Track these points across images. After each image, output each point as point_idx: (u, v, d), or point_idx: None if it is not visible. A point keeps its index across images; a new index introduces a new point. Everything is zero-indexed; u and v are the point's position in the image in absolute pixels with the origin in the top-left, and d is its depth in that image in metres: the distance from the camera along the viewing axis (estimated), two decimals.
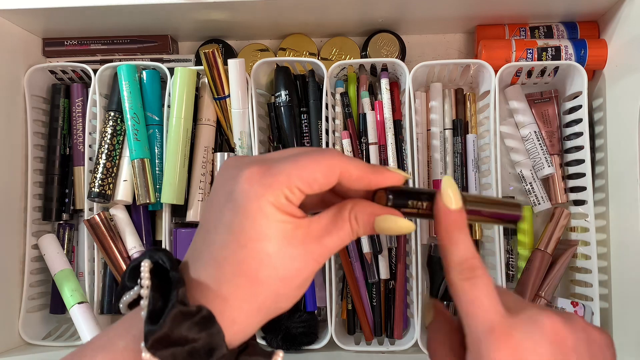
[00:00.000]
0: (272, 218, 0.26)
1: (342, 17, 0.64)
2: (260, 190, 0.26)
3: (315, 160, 0.27)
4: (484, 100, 0.64)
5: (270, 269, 0.26)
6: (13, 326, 0.63)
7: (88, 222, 0.62)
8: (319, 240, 0.28)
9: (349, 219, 0.28)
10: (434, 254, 0.64)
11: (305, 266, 0.27)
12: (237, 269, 0.26)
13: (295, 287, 0.27)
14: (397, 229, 0.29)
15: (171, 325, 0.24)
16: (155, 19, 0.64)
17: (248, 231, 0.26)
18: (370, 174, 0.29)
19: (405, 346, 0.59)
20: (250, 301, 0.26)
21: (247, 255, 0.26)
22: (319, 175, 0.27)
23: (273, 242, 0.26)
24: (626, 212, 0.56)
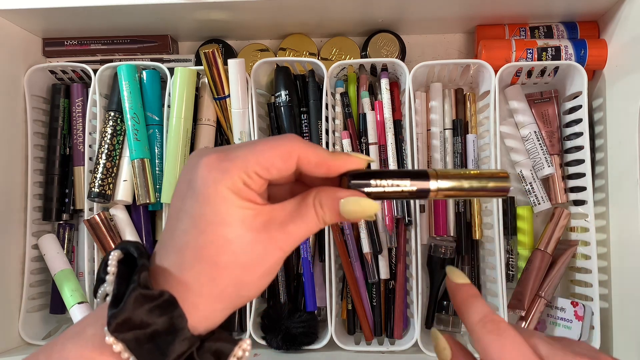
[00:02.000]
0: (231, 203, 0.26)
1: (342, 17, 0.64)
2: (217, 175, 0.26)
3: (273, 145, 0.27)
4: (484, 100, 0.64)
5: (230, 255, 0.26)
6: (13, 326, 0.63)
7: (88, 222, 0.62)
8: (282, 227, 0.27)
9: (314, 205, 0.28)
10: (434, 254, 0.64)
11: (268, 253, 0.27)
12: (197, 255, 0.26)
13: (259, 275, 0.27)
14: (362, 210, 0.28)
15: (132, 308, 0.25)
16: (155, 19, 0.64)
17: (207, 216, 0.26)
18: (329, 159, 0.29)
19: (405, 346, 0.59)
20: (211, 287, 0.26)
21: (207, 240, 0.26)
22: (276, 159, 0.27)
23: (233, 227, 0.26)
24: (626, 212, 0.56)
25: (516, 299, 0.61)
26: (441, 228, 0.63)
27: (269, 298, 0.64)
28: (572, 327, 0.59)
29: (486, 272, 0.64)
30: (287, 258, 0.64)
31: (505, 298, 0.59)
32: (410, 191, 0.30)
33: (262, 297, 0.64)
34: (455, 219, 0.64)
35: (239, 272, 0.27)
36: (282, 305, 0.61)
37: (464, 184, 0.30)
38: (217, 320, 0.28)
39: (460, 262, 0.64)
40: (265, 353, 0.60)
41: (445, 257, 0.63)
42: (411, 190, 0.30)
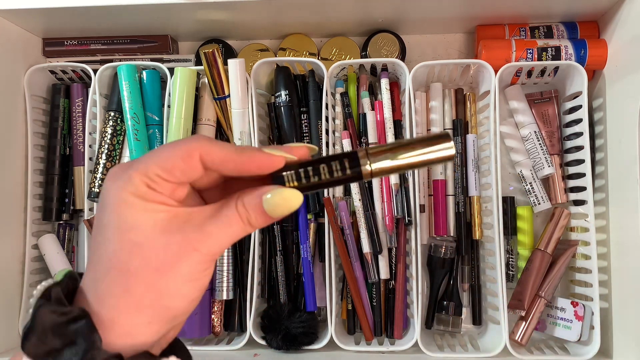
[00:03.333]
0: (138, 208, 0.25)
1: (342, 17, 0.64)
2: (120, 184, 0.26)
3: (174, 146, 0.26)
4: (484, 100, 0.64)
5: (141, 259, 0.25)
6: (13, 326, 0.63)
7: (88, 222, 0.61)
8: (199, 227, 0.26)
9: (236, 206, 0.26)
10: (434, 254, 0.64)
11: (182, 255, 0.25)
12: (108, 265, 0.25)
13: (178, 281, 0.25)
14: (285, 202, 0.26)
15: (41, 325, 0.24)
16: (155, 19, 0.64)
17: (114, 224, 0.25)
18: (235, 155, 0.26)
19: (405, 346, 0.59)
20: (126, 297, 0.25)
21: (116, 248, 0.25)
22: (176, 160, 0.26)
23: (141, 231, 0.25)
24: (626, 212, 0.56)
25: (516, 299, 0.61)
26: (441, 228, 0.63)
27: (269, 298, 0.64)
28: (572, 327, 0.59)
29: (486, 272, 0.64)
30: (287, 258, 0.64)
31: (505, 298, 0.59)
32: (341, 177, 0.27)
33: (262, 297, 0.64)
34: (455, 219, 0.64)
35: (153, 276, 0.25)
36: (282, 305, 0.61)
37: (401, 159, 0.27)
38: (144, 338, 0.26)
39: (460, 262, 0.64)
40: (265, 353, 0.60)
41: (445, 257, 0.63)
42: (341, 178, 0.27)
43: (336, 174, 0.27)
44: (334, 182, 0.27)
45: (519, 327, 0.60)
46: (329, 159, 0.27)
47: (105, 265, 0.25)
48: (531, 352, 0.59)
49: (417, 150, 0.27)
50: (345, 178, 0.27)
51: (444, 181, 0.64)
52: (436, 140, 0.27)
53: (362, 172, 0.27)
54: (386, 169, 0.27)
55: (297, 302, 0.63)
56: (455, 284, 0.64)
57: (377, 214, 0.62)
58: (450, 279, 0.64)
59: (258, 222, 0.27)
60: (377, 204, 0.62)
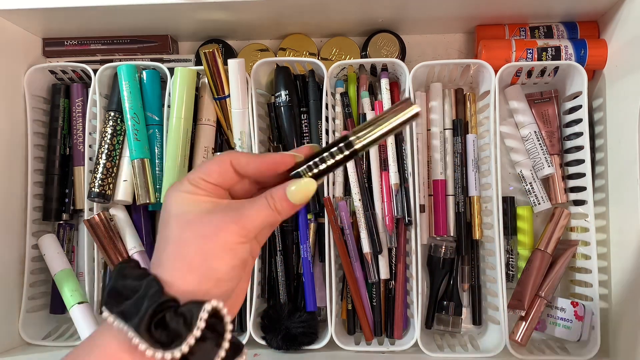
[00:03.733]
0: (189, 200, 0.33)
1: (342, 17, 0.64)
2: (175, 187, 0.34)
3: (212, 159, 0.35)
4: (484, 100, 0.64)
5: (191, 230, 0.32)
6: (13, 326, 0.63)
7: (88, 222, 0.61)
8: (237, 209, 0.33)
9: (265, 196, 0.34)
10: (434, 254, 0.64)
11: (223, 225, 0.32)
12: (168, 241, 0.33)
13: (220, 246, 0.32)
14: (304, 188, 0.34)
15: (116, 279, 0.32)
16: (155, 19, 0.64)
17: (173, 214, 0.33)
18: (255, 157, 0.35)
19: (405, 346, 0.59)
20: (180, 261, 0.32)
21: (174, 227, 0.33)
22: (213, 166, 0.34)
23: (191, 213, 0.33)
24: (626, 212, 0.56)
25: (516, 299, 0.61)
26: (441, 228, 0.63)
27: (269, 298, 0.64)
28: (572, 327, 0.59)
29: (486, 272, 0.64)
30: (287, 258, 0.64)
31: (505, 298, 0.59)
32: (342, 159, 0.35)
33: (262, 297, 0.64)
34: (455, 219, 0.64)
35: (200, 242, 0.32)
36: (282, 305, 0.61)
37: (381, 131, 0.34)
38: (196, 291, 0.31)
39: (460, 262, 0.64)
40: (265, 353, 0.60)
41: (445, 257, 0.63)
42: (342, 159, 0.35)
43: (338, 157, 0.35)
44: (337, 163, 0.35)
45: (519, 327, 0.60)
46: (329, 148, 0.35)
47: (165, 241, 0.33)
48: (531, 352, 0.59)
49: (389, 118, 0.34)
50: (345, 158, 0.35)
51: (444, 181, 0.64)
52: (401, 105, 0.34)
53: (357, 150, 0.34)
54: (373, 141, 0.34)
55: (297, 302, 0.63)
56: (455, 284, 0.64)
57: (377, 214, 0.62)
58: (450, 279, 0.64)
59: (283, 209, 0.34)
60: (377, 204, 0.62)
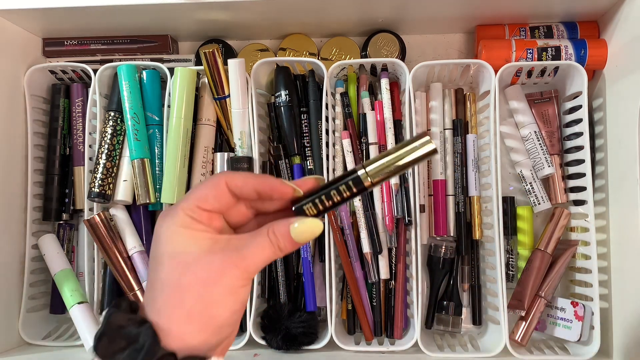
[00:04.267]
0: (186, 236, 0.31)
1: (342, 17, 0.64)
2: (168, 219, 0.32)
3: (205, 182, 0.33)
4: (484, 100, 0.64)
5: (190, 275, 0.30)
6: (13, 326, 0.63)
7: (88, 222, 0.61)
8: (237, 250, 0.31)
9: (267, 233, 0.32)
10: (434, 254, 0.64)
11: (225, 269, 0.30)
12: (164, 284, 0.30)
13: (222, 292, 0.30)
14: (309, 229, 0.32)
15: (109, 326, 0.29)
16: (155, 19, 0.64)
17: (168, 253, 0.31)
18: (253, 178, 0.33)
19: (405, 346, 0.59)
20: (178, 309, 0.30)
21: (170, 269, 0.30)
22: (208, 190, 0.32)
23: (189, 254, 0.30)
24: (626, 212, 0.56)
25: (516, 299, 0.61)
26: (441, 228, 0.63)
27: (269, 298, 0.64)
28: (572, 327, 0.59)
29: (486, 272, 0.64)
30: (287, 258, 0.65)
31: (505, 298, 0.59)
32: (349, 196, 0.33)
33: (262, 297, 0.64)
34: (455, 219, 0.64)
35: (200, 289, 0.30)
36: (282, 305, 0.61)
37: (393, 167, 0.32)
38: (195, 344, 0.30)
39: (460, 262, 0.64)
40: (265, 353, 0.60)
41: (445, 257, 0.63)
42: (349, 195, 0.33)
43: (345, 194, 0.33)
44: (344, 201, 0.33)
45: (519, 327, 0.60)
46: (336, 183, 0.33)
47: (161, 285, 0.30)
48: (531, 352, 0.59)
49: (404, 155, 0.32)
50: (352, 195, 0.33)
51: (444, 181, 0.64)
52: (417, 141, 0.32)
53: (366, 186, 0.32)
54: (383, 177, 0.32)
55: (297, 302, 0.63)
56: (455, 284, 0.64)
57: (377, 214, 0.62)
58: (450, 279, 0.64)
59: (286, 247, 0.32)
60: (377, 204, 0.62)
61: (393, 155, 0.32)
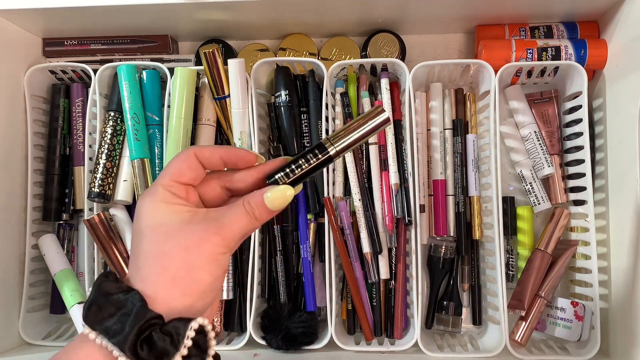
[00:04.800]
0: (166, 210, 0.33)
1: (342, 17, 0.64)
2: (149, 197, 0.34)
3: (176, 157, 0.35)
4: (484, 100, 0.64)
5: (173, 242, 0.32)
6: (13, 326, 0.63)
7: (88, 222, 0.61)
8: (216, 220, 0.33)
9: (243, 204, 0.34)
10: (434, 254, 0.64)
11: (205, 236, 0.32)
12: (147, 253, 0.32)
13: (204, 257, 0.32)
14: (281, 195, 0.34)
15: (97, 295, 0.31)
16: (155, 19, 0.64)
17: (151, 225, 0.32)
18: (219, 148, 0.35)
19: (405, 346, 0.59)
20: (163, 274, 0.31)
21: (154, 239, 0.32)
22: (181, 164, 0.34)
23: (171, 225, 0.32)
24: (626, 212, 0.56)
25: (516, 299, 0.61)
26: (441, 228, 0.63)
27: (269, 298, 0.64)
28: (572, 327, 0.59)
29: (486, 272, 0.64)
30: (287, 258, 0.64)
31: (505, 298, 0.59)
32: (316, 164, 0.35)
33: (262, 297, 0.64)
34: (455, 219, 0.64)
35: (183, 254, 0.31)
36: (282, 305, 0.61)
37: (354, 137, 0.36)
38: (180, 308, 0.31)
39: (460, 262, 0.64)
40: (265, 353, 0.60)
41: (445, 257, 0.63)
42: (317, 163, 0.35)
43: (313, 161, 0.35)
44: (313, 169, 0.35)
45: (519, 327, 0.60)
46: (304, 153, 0.36)
47: (145, 254, 0.32)
48: (531, 352, 0.59)
49: (363, 126, 0.36)
50: (320, 162, 0.35)
51: (444, 181, 0.64)
52: (373, 113, 0.36)
53: (331, 155, 0.35)
54: (347, 147, 0.36)
55: (297, 302, 0.63)
56: (455, 284, 0.64)
57: (377, 214, 0.62)
58: (450, 279, 0.64)
59: (262, 215, 0.34)
60: (377, 204, 0.62)
61: (352, 126, 0.36)
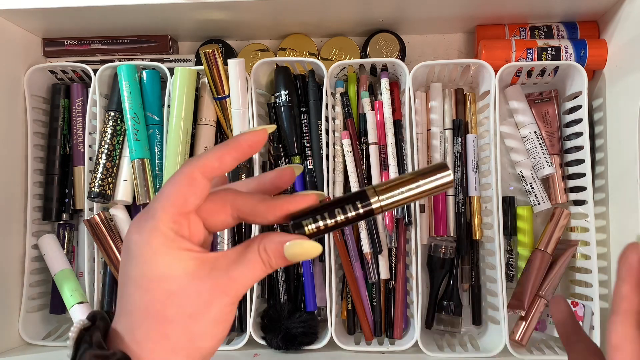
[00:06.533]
0: (168, 257, 0.27)
1: (342, 17, 0.64)
2: (146, 234, 0.27)
3: (173, 180, 0.28)
4: (484, 100, 0.64)
5: (176, 307, 0.27)
6: (13, 326, 0.63)
7: (88, 222, 0.61)
8: (226, 273, 0.28)
9: (258, 251, 0.28)
10: (434, 254, 0.64)
11: (214, 300, 0.27)
12: (145, 314, 0.27)
13: (209, 323, 0.27)
14: (305, 252, 0.28)
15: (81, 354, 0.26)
16: (155, 19, 0.64)
17: (148, 275, 0.27)
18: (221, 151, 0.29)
19: (405, 346, 0.59)
20: (162, 343, 0.27)
21: (152, 297, 0.27)
22: (183, 189, 0.28)
23: (174, 279, 0.27)
24: (626, 212, 0.56)
25: (516, 299, 0.61)
26: (441, 228, 0.63)
27: (269, 298, 0.64)
28: None
29: (486, 272, 0.64)
30: None
31: (505, 298, 0.59)
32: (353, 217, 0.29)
33: (262, 297, 0.64)
34: (455, 219, 0.64)
35: (187, 322, 0.27)
36: (282, 305, 0.61)
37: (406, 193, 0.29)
38: None
39: (460, 262, 0.64)
40: (265, 353, 0.60)
41: (445, 257, 0.63)
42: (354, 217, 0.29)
43: (350, 215, 0.29)
44: (348, 223, 0.30)
45: (519, 327, 0.60)
46: (341, 201, 0.29)
47: (141, 313, 0.27)
48: (531, 352, 0.59)
49: (419, 183, 0.29)
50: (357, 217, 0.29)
51: None
52: (435, 171, 0.30)
53: (374, 211, 0.29)
54: (394, 203, 0.30)
55: (297, 302, 0.63)
56: (455, 284, 0.64)
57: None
58: (450, 279, 0.64)
59: (278, 265, 0.29)
60: None
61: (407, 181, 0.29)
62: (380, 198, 0.29)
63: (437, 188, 0.30)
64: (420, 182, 0.29)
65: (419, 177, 0.30)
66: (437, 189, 0.30)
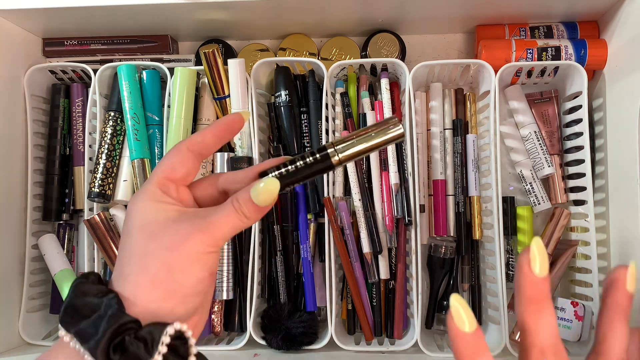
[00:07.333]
0: (154, 208, 0.32)
1: (342, 17, 0.64)
2: (139, 196, 0.33)
3: (167, 153, 0.34)
4: (484, 100, 0.64)
5: (157, 242, 0.30)
6: (13, 326, 0.63)
7: (88, 222, 0.61)
8: (203, 217, 0.31)
9: (231, 201, 0.32)
10: (434, 254, 0.64)
11: (190, 235, 0.30)
12: (131, 252, 0.31)
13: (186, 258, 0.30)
14: (267, 189, 0.32)
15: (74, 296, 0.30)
16: (155, 19, 0.64)
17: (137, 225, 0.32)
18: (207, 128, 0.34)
19: (405, 346, 0.59)
20: (144, 274, 0.30)
21: (139, 239, 0.31)
22: (173, 159, 0.34)
23: (157, 223, 0.31)
24: (626, 212, 0.56)
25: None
26: (441, 228, 0.63)
27: (269, 298, 0.64)
28: (572, 327, 0.59)
29: (486, 272, 0.64)
30: (287, 258, 0.64)
31: (505, 298, 0.59)
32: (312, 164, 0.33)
33: (262, 297, 0.64)
34: (455, 219, 0.64)
35: (165, 254, 0.30)
36: (282, 305, 0.61)
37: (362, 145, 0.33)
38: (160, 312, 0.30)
39: (460, 262, 0.64)
40: (265, 353, 0.60)
41: (445, 257, 0.63)
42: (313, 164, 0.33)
43: (308, 160, 0.33)
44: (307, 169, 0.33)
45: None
46: (303, 154, 0.33)
47: (129, 254, 0.31)
48: None
49: (373, 136, 0.33)
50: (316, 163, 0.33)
51: (444, 181, 0.64)
52: (387, 124, 0.33)
53: (332, 161, 0.33)
54: (351, 155, 0.33)
55: (297, 302, 0.63)
56: (455, 284, 0.64)
57: (377, 214, 0.62)
58: (450, 279, 0.64)
59: (250, 213, 0.32)
60: (377, 204, 0.62)
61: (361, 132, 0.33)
62: (337, 148, 0.33)
63: (389, 140, 0.33)
64: (373, 134, 0.33)
65: (371, 129, 0.33)
66: (390, 141, 0.33)
